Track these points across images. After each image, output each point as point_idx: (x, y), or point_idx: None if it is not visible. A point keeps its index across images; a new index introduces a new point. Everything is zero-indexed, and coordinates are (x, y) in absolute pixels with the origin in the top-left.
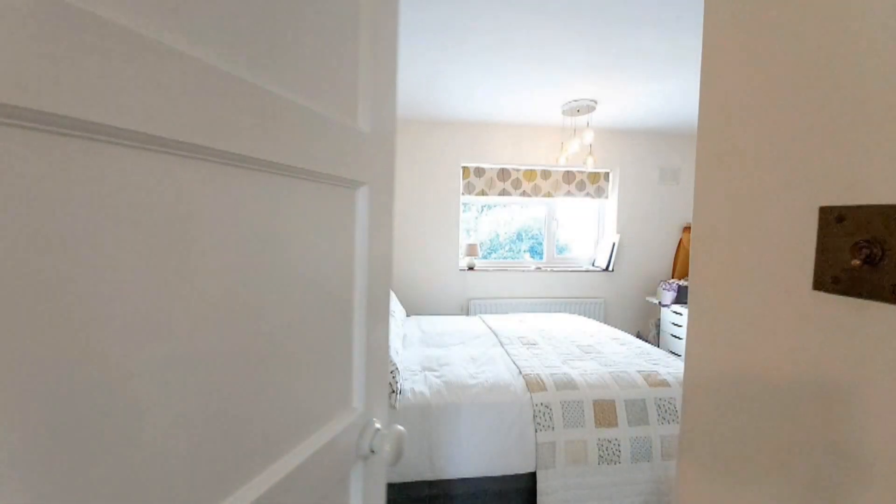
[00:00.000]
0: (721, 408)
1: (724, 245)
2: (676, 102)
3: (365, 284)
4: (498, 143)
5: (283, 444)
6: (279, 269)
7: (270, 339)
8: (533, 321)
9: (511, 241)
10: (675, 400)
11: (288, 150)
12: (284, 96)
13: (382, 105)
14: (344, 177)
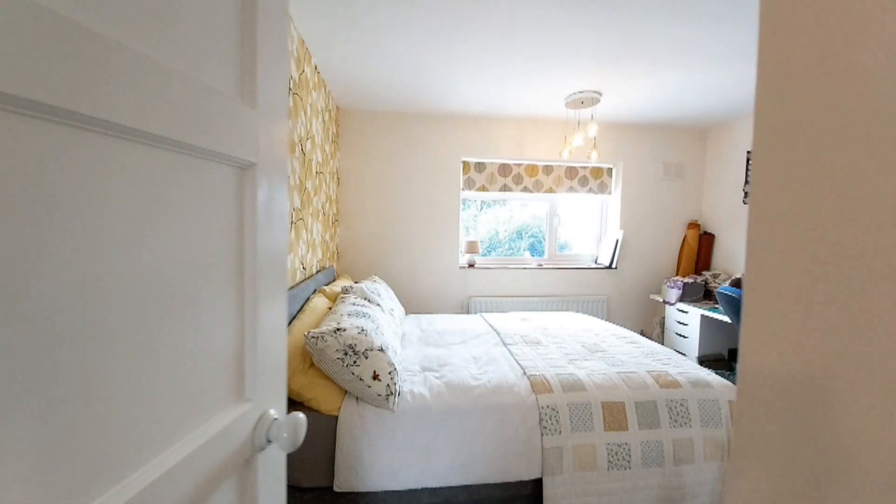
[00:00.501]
0: (788, 413)
1: (800, 226)
2: (681, 95)
3: (254, 271)
4: (499, 138)
5: (160, 441)
6: (148, 248)
7: (137, 329)
8: (536, 319)
9: (511, 238)
10: (686, 402)
11: (159, 118)
12: (157, 59)
13: (271, 81)
14: (228, 154)
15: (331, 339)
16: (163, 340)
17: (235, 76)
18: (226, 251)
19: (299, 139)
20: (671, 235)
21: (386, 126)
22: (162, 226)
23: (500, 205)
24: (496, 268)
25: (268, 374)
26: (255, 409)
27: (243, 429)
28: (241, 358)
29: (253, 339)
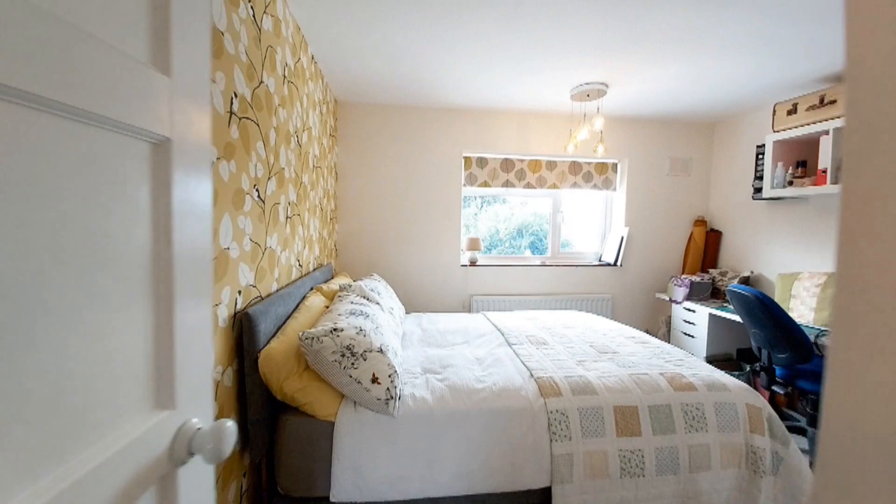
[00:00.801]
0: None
1: None
2: (689, 87)
3: (169, 265)
4: (502, 132)
5: (41, 461)
6: (23, 235)
7: (16, 333)
8: (541, 319)
9: (511, 237)
10: (703, 406)
11: (45, 75)
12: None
13: (189, 47)
14: (133, 124)
15: (327, 340)
16: (41, 343)
17: (145, 37)
18: (133, 241)
19: (294, 130)
20: (677, 232)
21: (385, 120)
22: (47, 206)
23: (501, 202)
24: (498, 265)
25: (190, 379)
26: (175, 417)
27: (159, 440)
28: (155, 362)
29: (169, 340)
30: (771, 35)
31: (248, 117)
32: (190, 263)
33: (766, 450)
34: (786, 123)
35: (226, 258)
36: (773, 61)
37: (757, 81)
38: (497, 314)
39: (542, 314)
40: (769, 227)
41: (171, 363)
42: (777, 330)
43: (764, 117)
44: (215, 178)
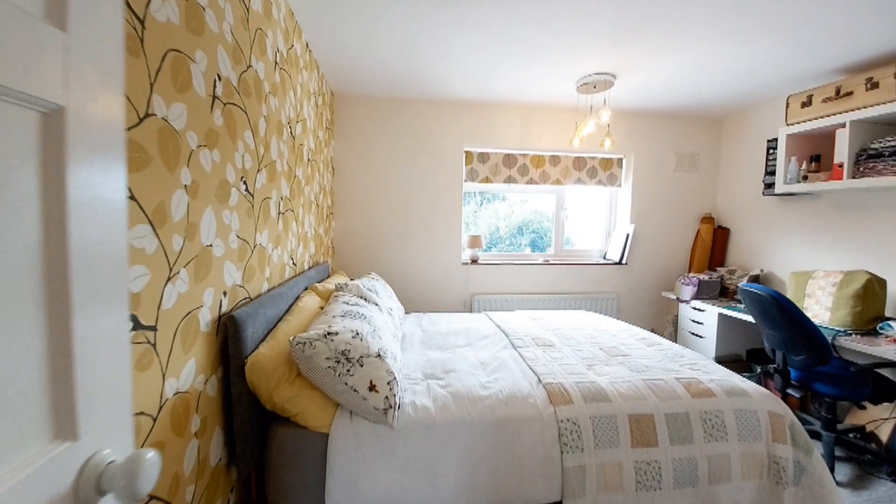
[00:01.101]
0: None
1: None
2: (697, 78)
3: (66, 267)
4: (504, 126)
5: None
6: None
7: None
8: (545, 319)
9: (512, 234)
10: (722, 413)
11: None
12: None
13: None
14: (11, 88)
15: (320, 345)
16: None
17: None
18: (14, 237)
19: (287, 121)
20: (684, 230)
21: (383, 113)
22: None
23: (501, 200)
24: (500, 263)
25: (99, 403)
26: (78, 450)
27: (59, 478)
28: (49, 384)
29: (66, 357)
30: (785, 22)
31: (235, 103)
32: (95, 264)
33: (788, 459)
34: (800, 116)
35: (208, 256)
36: (786, 50)
37: (768, 72)
38: (499, 314)
39: (547, 314)
40: (780, 224)
41: (70, 385)
42: (793, 331)
43: (774, 111)
44: (195, 169)
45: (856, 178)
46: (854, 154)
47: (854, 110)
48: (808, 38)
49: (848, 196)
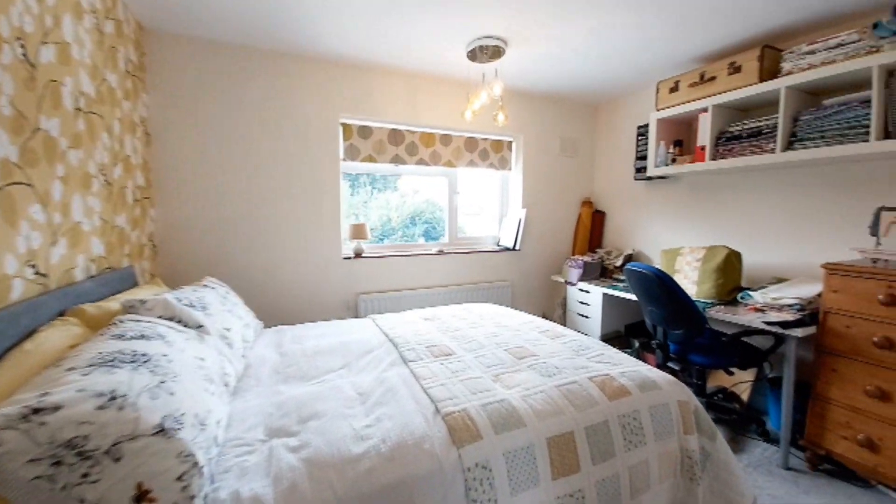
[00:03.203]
0: None
1: None
2: (577, 64)
3: None
4: (388, 96)
5: None
6: None
7: None
8: (442, 317)
9: (404, 225)
10: (639, 413)
11: None
12: None
13: None
14: None
15: (14, 438)
16: None
17: None
18: None
19: (18, 35)
20: (568, 214)
21: (229, 65)
22: None
23: (393, 189)
24: (389, 256)
25: None
26: None
27: None
28: None
29: None
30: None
31: None
32: None
33: (696, 451)
34: (668, 101)
35: None
36: (657, 33)
37: (640, 57)
38: (389, 317)
39: (444, 311)
40: (648, 206)
41: None
42: (674, 306)
43: (643, 99)
44: None
45: (716, 160)
46: (714, 137)
47: (716, 94)
48: (676, 21)
49: (705, 178)
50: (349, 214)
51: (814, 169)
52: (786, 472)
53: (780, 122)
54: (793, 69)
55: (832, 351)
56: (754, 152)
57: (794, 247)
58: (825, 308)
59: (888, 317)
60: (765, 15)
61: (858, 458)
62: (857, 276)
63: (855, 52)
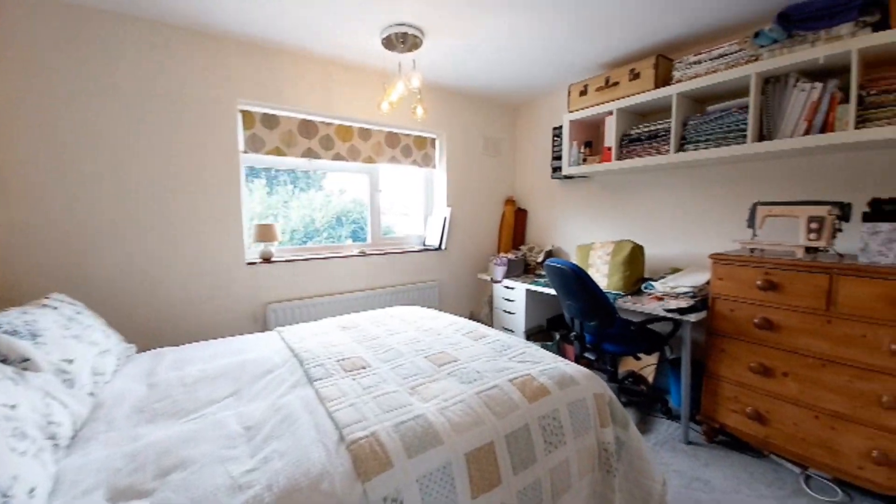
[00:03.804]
0: None
1: None
2: (498, 59)
3: None
4: (297, 82)
5: None
6: None
7: None
8: (361, 324)
9: (330, 226)
10: (558, 412)
11: None
12: None
13: None
14: None
15: None
16: None
17: None
18: None
19: None
20: (493, 212)
21: (97, 35)
22: None
23: (317, 188)
24: (303, 259)
25: None
26: None
27: None
28: None
29: None
30: (567, 6)
31: None
32: None
33: (612, 442)
34: (579, 104)
35: None
36: (566, 39)
37: (555, 60)
38: (300, 329)
39: (363, 318)
40: (565, 204)
41: None
42: (588, 299)
43: (558, 100)
44: None
45: (621, 161)
46: (619, 139)
47: (620, 99)
48: (581, 27)
49: (612, 177)
50: (267, 215)
51: (702, 169)
52: (687, 446)
53: (673, 126)
54: (682, 77)
55: (720, 333)
56: (652, 153)
57: (687, 239)
58: (713, 294)
59: (765, 300)
60: (658, 26)
61: (749, 430)
62: (738, 264)
63: (735, 62)
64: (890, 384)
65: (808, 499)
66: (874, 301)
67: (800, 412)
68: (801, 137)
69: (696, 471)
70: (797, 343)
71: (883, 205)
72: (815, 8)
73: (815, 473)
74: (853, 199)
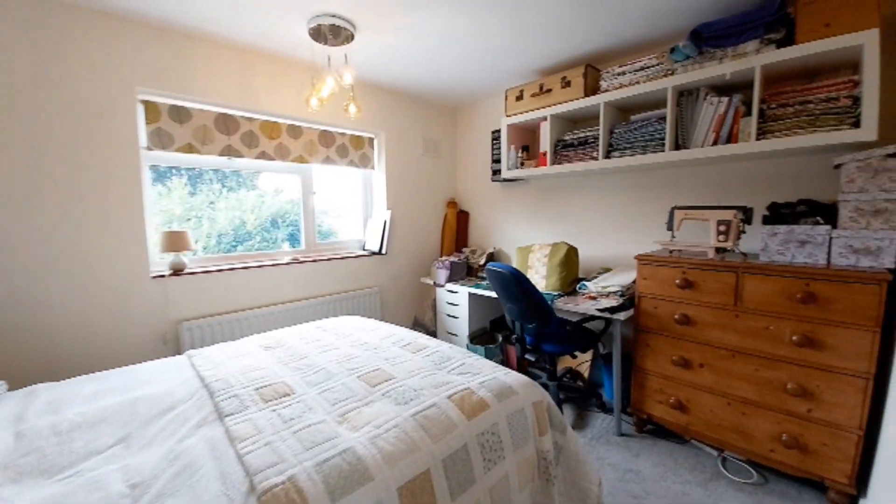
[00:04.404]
0: None
1: None
2: (435, 58)
3: None
4: (215, 72)
5: None
6: None
7: None
8: (288, 342)
9: (264, 228)
10: (498, 427)
11: None
12: None
13: None
14: None
15: None
16: None
17: None
18: None
19: None
20: (435, 214)
21: None
22: None
23: (249, 187)
24: (226, 269)
25: None
26: None
27: None
28: None
29: None
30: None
31: None
32: None
33: (550, 450)
34: (516, 109)
35: None
36: (500, 42)
37: (488, 64)
38: (216, 351)
39: (291, 334)
40: (505, 206)
41: None
42: (527, 302)
43: (496, 104)
44: None
45: (556, 165)
46: (553, 144)
47: (553, 105)
48: (515, 33)
49: (548, 181)
50: (189, 217)
51: (628, 174)
52: (620, 438)
53: (601, 134)
54: (609, 87)
55: (646, 329)
56: (583, 159)
57: (617, 240)
58: (639, 293)
59: (684, 297)
60: (587, 37)
61: (673, 419)
62: (659, 264)
63: (655, 75)
64: (792, 372)
65: (727, 481)
66: (775, 296)
67: (715, 400)
68: (710, 147)
69: (629, 462)
70: (711, 336)
71: (780, 209)
72: (724, 26)
73: (731, 455)
74: (756, 204)
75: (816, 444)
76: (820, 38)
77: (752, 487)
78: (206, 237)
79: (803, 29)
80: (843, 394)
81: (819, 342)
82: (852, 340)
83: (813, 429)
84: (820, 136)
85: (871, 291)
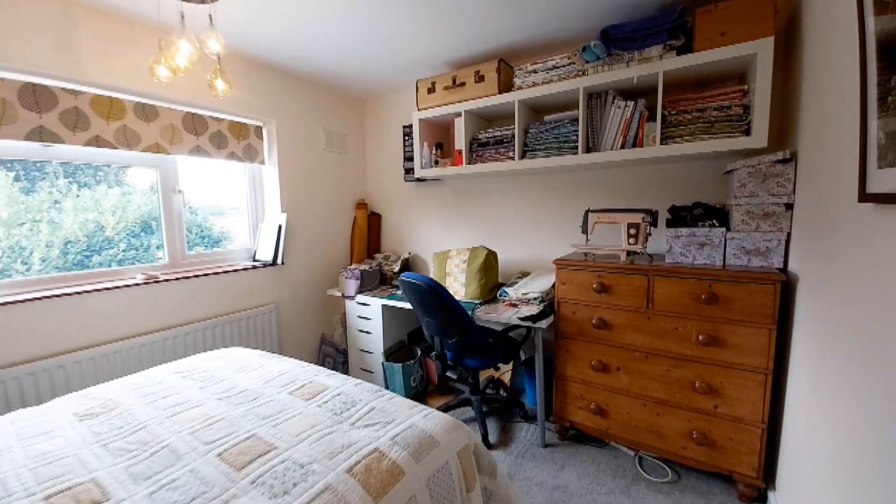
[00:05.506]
0: None
1: None
2: (334, 47)
3: None
4: (15, 25)
5: None
6: None
7: None
8: (125, 404)
9: (131, 234)
10: (416, 499)
11: None
12: None
13: None
14: None
15: None
16: None
17: None
18: None
19: None
20: (342, 217)
21: None
22: None
23: (112, 183)
24: (43, 298)
25: None
26: None
27: None
28: None
29: None
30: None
31: None
32: None
33: (479, 501)
34: (427, 102)
35: None
36: (407, 27)
37: (395, 51)
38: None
39: (130, 388)
40: (420, 208)
41: None
42: (446, 315)
43: (407, 97)
44: None
45: (471, 165)
46: (468, 143)
47: (467, 100)
48: (423, 16)
49: (464, 181)
50: (22, 222)
51: (544, 176)
52: (544, 450)
53: (516, 133)
54: (522, 85)
55: (565, 335)
56: (499, 159)
57: (535, 243)
58: (558, 298)
59: (600, 301)
60: (499, 30)
61: (594, 424)
62: (576, 269)
63: (566, 75)
64: (700, 370)
65: (646, 483)
66: (681, 297)
67: (631, 402)
68: (618, 151)
69: (555, 478)
70: (625, 339)
71: (679, 211)
72: (631, 29)
73: (646, 454)
74: (662, 207)
75: (724, 439)
76: (717, 46)
77: (669, 486)
78: (44, 247)
79: (701, 37)
80: (745, 389)
81: (722, 340)
82: (751, 338)
83: (720, 424)
84: (716, 143)
85: (767, 291)
